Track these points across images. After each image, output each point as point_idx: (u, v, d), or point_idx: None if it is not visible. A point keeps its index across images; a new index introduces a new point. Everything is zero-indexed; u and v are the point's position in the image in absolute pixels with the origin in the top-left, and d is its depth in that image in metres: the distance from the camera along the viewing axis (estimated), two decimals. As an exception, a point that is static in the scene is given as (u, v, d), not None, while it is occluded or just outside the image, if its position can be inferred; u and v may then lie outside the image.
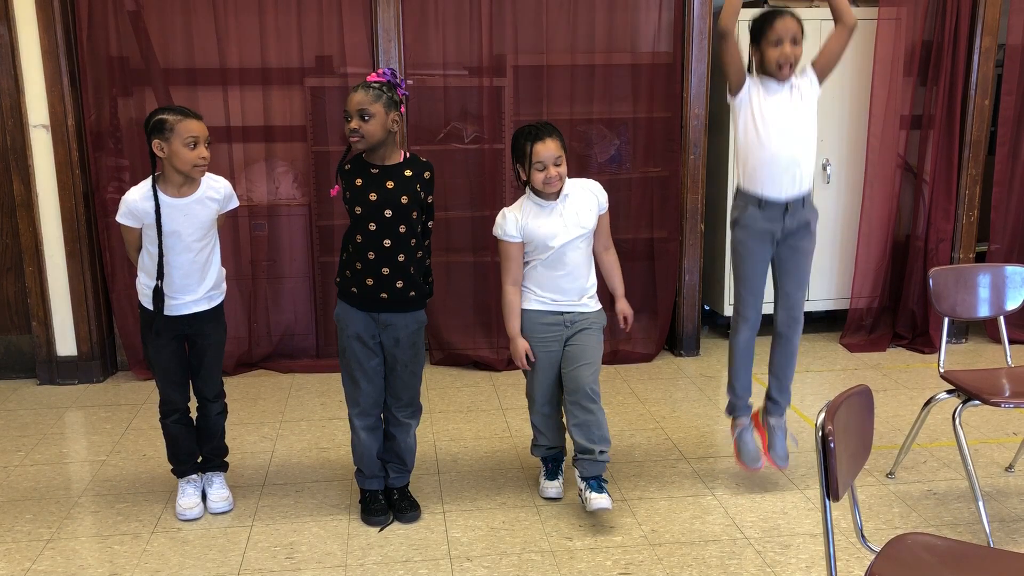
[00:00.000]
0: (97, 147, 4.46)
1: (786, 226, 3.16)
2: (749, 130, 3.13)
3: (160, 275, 2.97)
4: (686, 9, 4.60)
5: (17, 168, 4.37)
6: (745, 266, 3.22)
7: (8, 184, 4.41)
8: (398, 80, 2.90)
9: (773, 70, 3.07)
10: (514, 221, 3.04)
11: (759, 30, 3.08)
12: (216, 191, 3.04)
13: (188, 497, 3.17)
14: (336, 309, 3.04)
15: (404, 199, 2.90)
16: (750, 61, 3.17)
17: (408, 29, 4.52)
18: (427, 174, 2.97)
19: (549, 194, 3.03)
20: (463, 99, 4.72)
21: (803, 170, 3.14)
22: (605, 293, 3.21)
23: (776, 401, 3.35)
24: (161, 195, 2.93)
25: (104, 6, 4.33)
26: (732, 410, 3.39)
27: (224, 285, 3.17)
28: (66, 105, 4.34)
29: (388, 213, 2.89)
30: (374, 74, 2.89)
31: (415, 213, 2.94)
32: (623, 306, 3.21)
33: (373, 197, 2.88)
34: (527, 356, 3.08)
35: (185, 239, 2.96)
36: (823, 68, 3.18)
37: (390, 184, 2.90)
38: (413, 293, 2.99)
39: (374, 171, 2.90)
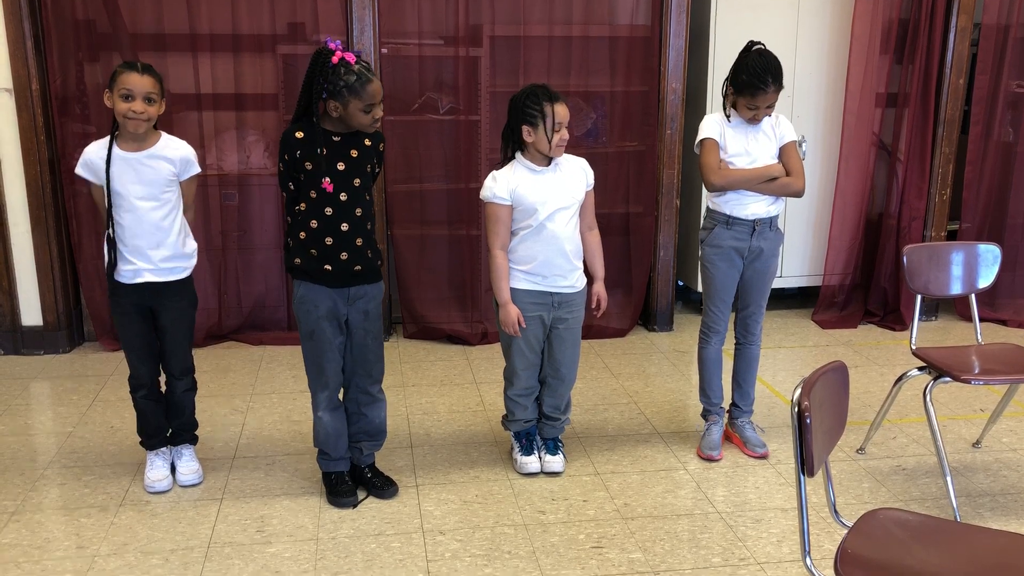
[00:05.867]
0: (63, 112, 4.36)
1: (752, 245, 3.24)
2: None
3: (108, 225, 2.93)
4: (665, -18, 4.57)
5: (-21, 133, 4.26)
6: (715, 283, 3.31)
7: (-30, 149, 4.30)
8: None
9: (745, 119, 3.19)
10: (505, 183, 3.01)
11: (741, 88, 3.13)
12: (174, 150, 2.97)
13: (157, 470, 3.13)
14: (299, 292, 2.89)
15: (368, 167, 2.87)
16: (724, 100, 3.23)
17: (383, -4, 4.44)
18: (382, 145, 2.94)
19: (542, 159, 3.01)
20: (438, 69, 4.66)
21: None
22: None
23: (740, 407, 3.47)
24: (115, 148, 2.90)
25: (69, -33, 4.22)
26: (707, 413, 3.48)
27: (192, 261, 3.07)
28: (30, 69, 4.23)
29: (357, 182, 2.84)
30: (350, 53, 2.79)
31: (370, 183, 2.91)
32: (599, 289, 3.21)
33: (342, 167, 2.81)
34: (518, 323, 3.06)
35: (129, 197, 2.91)
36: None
37: (354, 152, 2.84)
38: (380, 262, 2.97)
39: (336, 139, 2.81)
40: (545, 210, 3.00)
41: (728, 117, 3.22)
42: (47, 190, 4.37)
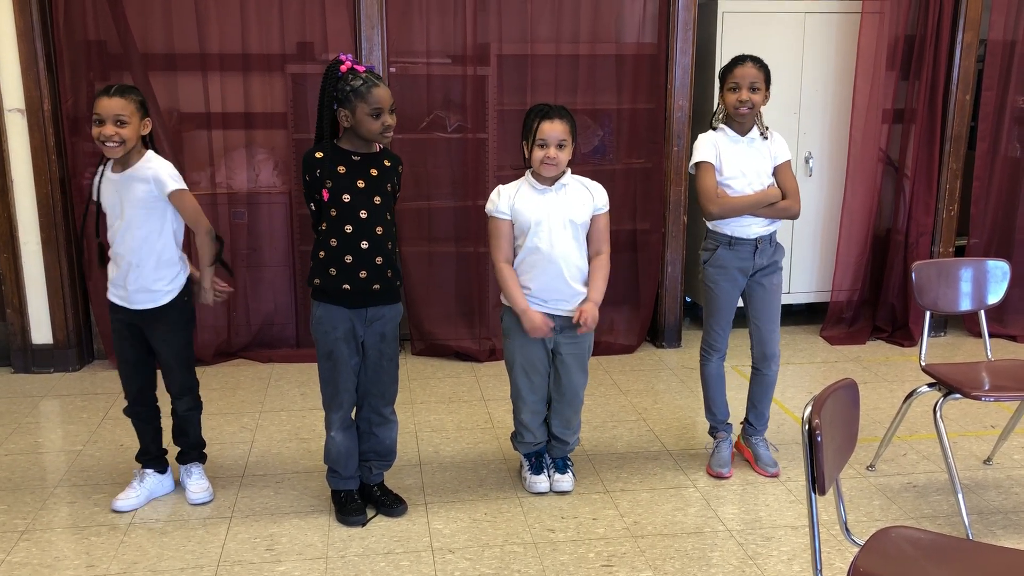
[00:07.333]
0: (74, 132, 4.39)
1: (756, 263, 3.25)
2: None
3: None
4: (671, 0, 4.59)
5: (-9, 153, 4.29)
6: (717, 303, 3.31)
7: (-18, 169, 4.33)
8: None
9: (732, 112, 3.16)
10: (507, 198, 3.02)
11: (722, 75, 3.17)
12: (147, 169, 2.91)
13: (128, 488, 3.15)
14: (316, 312, 2.90)
15: (388, 186, 2.89)
16: (717, 108, 3.26)
17: (391, 16, 4.48)
18: (400, 167, 2.96)
19: (546, 178, 3.01)
20: (446, 88, 4.69)
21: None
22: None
23: (754, 426, 3.45)
24: (107, 170, 2.96)
25: (81, -12, 4.26)
26: (714, 431, 3.47)
27: (174, 285, 3.03)
28: (42, 89, 4.27)
29: (377, 200, 2.85)
30: (360, 65, 2.82)
31: (390, 203, 2.92)
32: (588, 308, 3.02)
33: (361, 184, 2.83)
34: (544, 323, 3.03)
35: (112, 217, 2.96)
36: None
37: (374, 171, 2.86)
38: (399, 282, 2.97)
39: (356, 158, 2.84)
40: (538, 230, 2.99)
41: (715, 128, 3.21)
42: (58, 209, 4.39)
